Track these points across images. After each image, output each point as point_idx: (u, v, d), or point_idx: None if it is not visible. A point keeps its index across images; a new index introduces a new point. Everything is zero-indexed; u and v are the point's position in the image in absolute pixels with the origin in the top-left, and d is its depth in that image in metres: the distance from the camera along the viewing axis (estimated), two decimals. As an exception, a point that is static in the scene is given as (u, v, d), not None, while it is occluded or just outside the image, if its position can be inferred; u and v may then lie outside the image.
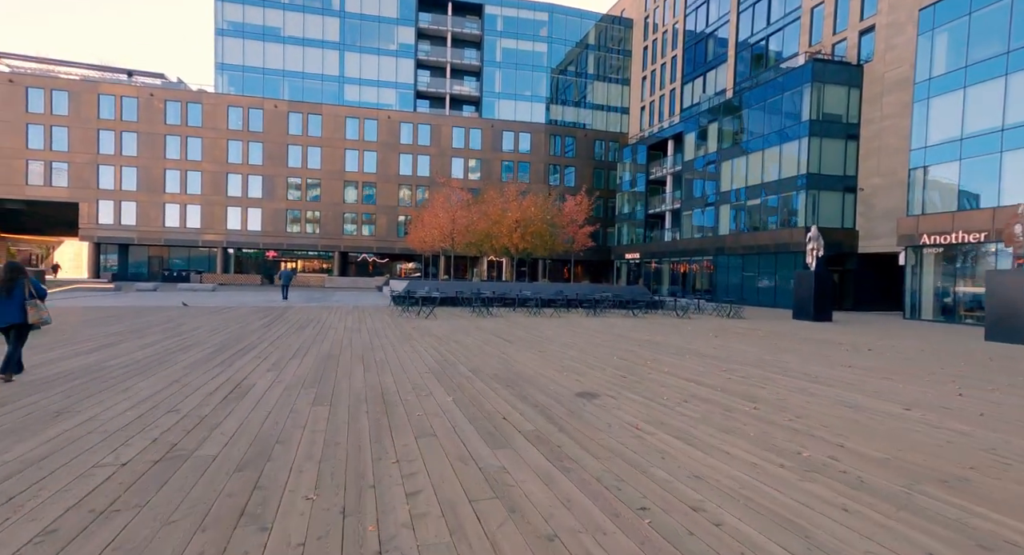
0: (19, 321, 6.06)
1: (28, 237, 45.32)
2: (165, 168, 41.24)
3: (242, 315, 15.45)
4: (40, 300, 6.25)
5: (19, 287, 6.08)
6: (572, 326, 14.57)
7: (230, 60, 44.98)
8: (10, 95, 38.44)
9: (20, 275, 6.16)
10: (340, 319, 15.05)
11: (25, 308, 6.08)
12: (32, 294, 6.16)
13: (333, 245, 44.92)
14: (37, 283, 6.36)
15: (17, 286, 6.07)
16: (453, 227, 26.86)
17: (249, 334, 11.18)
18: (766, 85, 27.73)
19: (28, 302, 6.10)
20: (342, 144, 44.29)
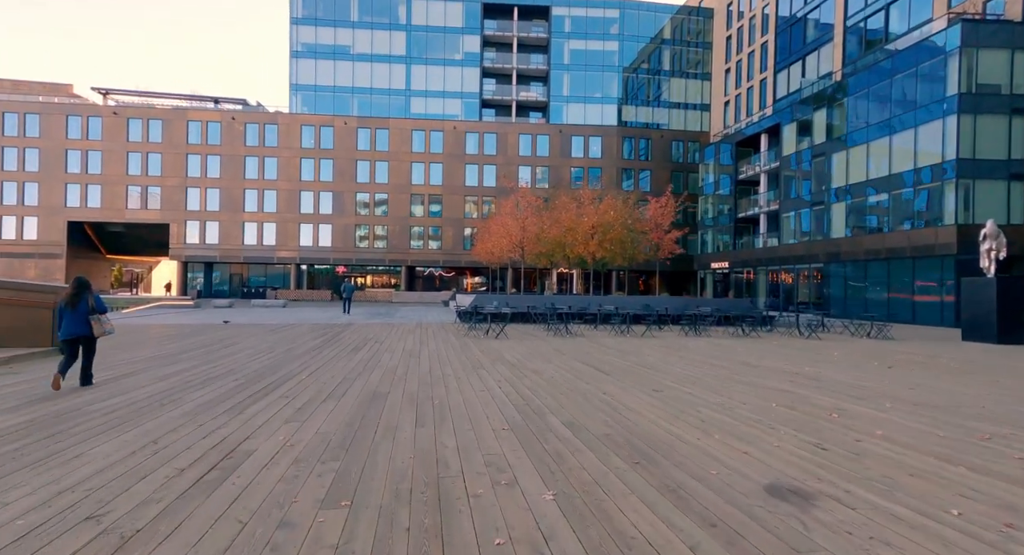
0: (85, 334, 6.51)
1: (129, 258, 49.08)
2: (244, 188, 42.93)
3: (297, 334, 14.03)
4: (101, 314, 6.63)
5: (84, 301, 6.51)
6: (676, 350, 11.67)
7: (304, 80, 46.52)
8: (115, 127, 41.81)
9: (86, 291, 6.60)
10: (400, 339, 13.18)
11: (89, 322, 6.49)
12: (94, 309, 6.55)
13: (400, 259, 44.50)
14: (99, 299, 6.77)
15: (82, 301, 6.50)
16: (523, 236, 24.64)
17: (293, 359, 9.44)
18: (894, 58, 23.23)
19: (91, 316, 6.50)
20: (408, 157, 44.04)
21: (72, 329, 6.43)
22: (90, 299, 6.56)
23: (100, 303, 6.71)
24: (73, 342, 6.49)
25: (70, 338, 6.45)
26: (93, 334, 6.53)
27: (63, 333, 6.45)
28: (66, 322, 6.45)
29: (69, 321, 6.44)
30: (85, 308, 6.49)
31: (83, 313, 6.48)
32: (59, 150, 41.55)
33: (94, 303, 6.58)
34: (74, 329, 6.44)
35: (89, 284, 6.77)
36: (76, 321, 6.45)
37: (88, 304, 6.51)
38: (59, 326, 6.53)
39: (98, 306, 6.64)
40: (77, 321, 6.46)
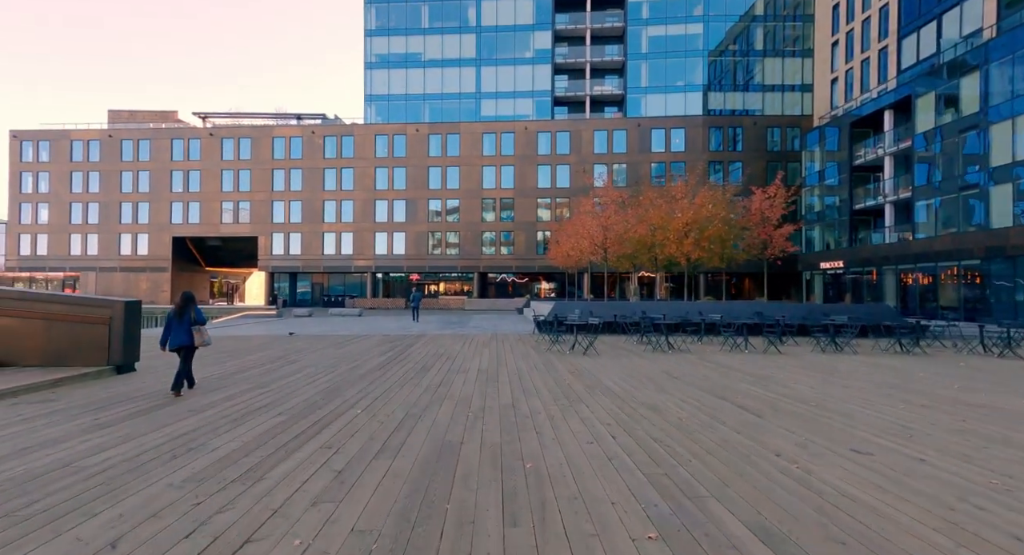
0: (188, 343, 7.02)
1: (226, 269, 52.61)
2: (324, 199, 44.25)
3: (364, 349, 12.83)
4: (201, 326, 7.15)
5: (188, 313, 7.07)
6: (827, 374, 8.93)
7: (377, 91, 47.36)
8: (210, 147, 44.88)
9: (190, 304, 7.15)
10: (474, 354, 11.51)
11: (192, 332, 7.04)
12: (195, 320, 7.09)
13: (472, 266, 43.63)
14: (199, 311, 7.27)
15: (187, 313, 7.07)
16: (605, 236, 22.26)
17: (352, 383, 8.02)
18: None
19: (193, 327, 7.05)
20: (479, 161, 43.19)
21: (177, 339, 7.02)
22: (192, 312, 7.12)
23: (200, 315, 7.25)
24: (177, 351, 7.08)
25: (175, 347, 7.03)
26: (194, 344, 7.08)
27: (170, 343, 7.03)
28: (173, 332, 7.03)
29: (176, 331, 7.03)
30: (189, 319, 7.07)
31: (187, 324, 7.06)
32: (165, 171, 45.30)
33: (195, 315, 7.13)
34: (179, 339, 7.02)
35: (194, 298, 7.33)
36: (181, 331, 7.04)
37: (191, 316, 7.09)
38: (165, 337, 7.07)
39: (198, 318, 7.17)
40: (182, 331, 7.04)
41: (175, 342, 7.01)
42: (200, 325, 7.14)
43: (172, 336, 7.01)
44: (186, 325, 7.04)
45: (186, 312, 7.08)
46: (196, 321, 7.11)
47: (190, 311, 7.10)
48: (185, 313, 7.07)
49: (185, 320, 7.06)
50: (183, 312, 7.07)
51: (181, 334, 7.02)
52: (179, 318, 7.04)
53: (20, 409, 6.10)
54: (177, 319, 7.05)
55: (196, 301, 7.36)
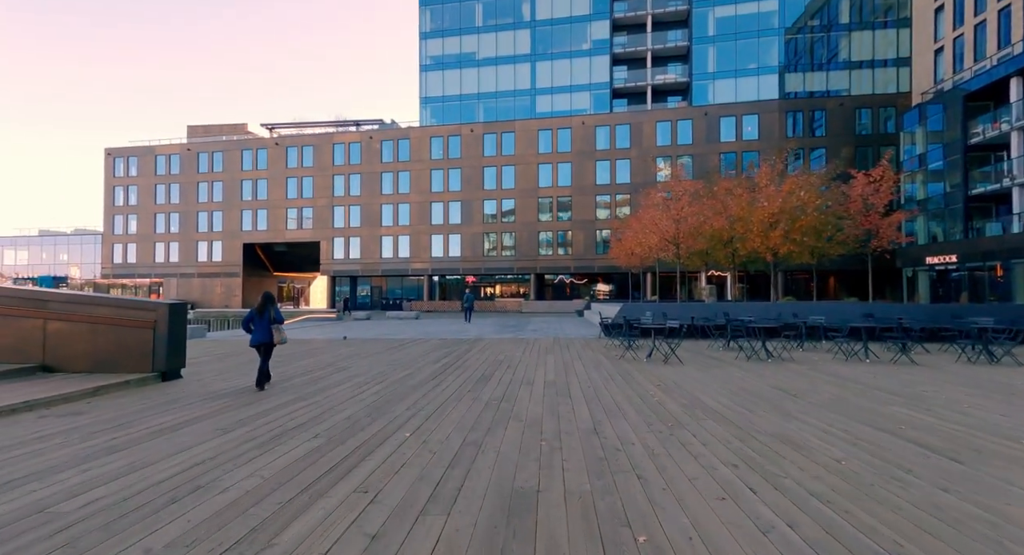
0: (268, 340, 7.38)
1: (292, 274, 54.70)
2: (381, 203, 44.74)
3: (418, 354, 11.90)
4: (279, 324, 7.48)
5: (267, 312, 7.40)
6: (997, 391, 6.87)
7: (432, 93, 47.43)
8: (276, 156, 46.71)
9: (270, 303, 7.47)
10: (537, 362, 10.22)
11: (271, 330, 7.40)
12: (274, 319, 7.43)
13: (529, 267, 42.44)
14: (278, 311, 7.54)
15: (267, 312, 7.40)
16: (677, 230, 20.15)
17: (402, 396, 6.98)
18: None
19: (272, 326, 7.40)
20: (535, 159, 42.01)
21: (259, 336, 7.36)
22: (272, 311, 7.41)
23: (278, 315, 7.53)
24: (258, 347, 7.40)
25: (257, 344, 7.37)
26: (273, 341, 7.39)
27: (253, 339, 7.39)
28: (256, 330, 7.38)
29: (257, 329, 7.38)
30: (269, 318, 7.38)
31: (267, 322, 7.37)
32: (236, 181, 47.65)
33: (274, 315, 7.42)
34: (260, 336, 7.36)
35: (273, 298, 7.59)
36: (262, 329, 7.36)
37: (270, 315, 7.38)
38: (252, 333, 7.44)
39: (276, 317, 7.47)
40: (263, 329, 7.36)
41: (256, 339, 7.36)
42: (278, 324, 7.44)
43: (256, 333, 7.36)
44: (266, 323, 7.36)
45: (266, 311, 7.40)
46: (274, 320, 7.41)
47: (270, 310, 7.41)
48: (265, 312, 7.40)
49: (265, 318, 7.38)
50: (263, 311, 7.40)
51: (263, 331, 7.35)
52: (260, 317, 7.41)
53: (43, 424, 5.47)
54: (259, 317, 7.41)
55: (275, 301, 7.63)
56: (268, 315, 7.38)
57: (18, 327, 7.90)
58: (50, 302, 7.95)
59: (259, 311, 7.41)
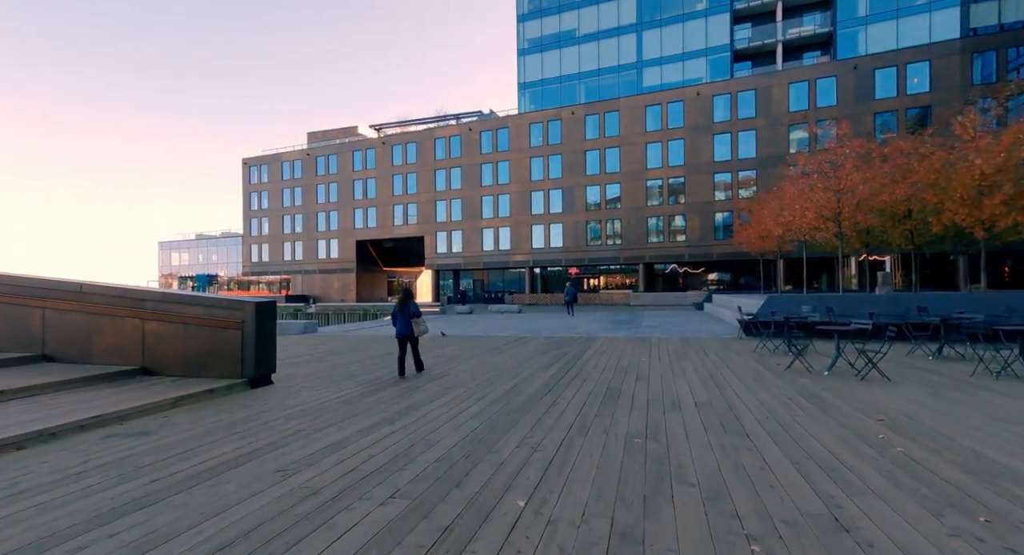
0: (408, 332, 7.74)
1: (400, 269, 56.95)
2: (481, 195, 44.33)
3: (525, 357, 10.27)
4: (417, 317, 7.82)
5: (407, 307, 7.80)
6: None
7: (530, 77, 45.82)
8: (383, 155, 48.50)
9: (409, 298, 7.93)
10: (673, 372, 8.02)
11: (411, 324, 7.73)
12: (413, 313, 7.79)
13: (637, 256, 39.26)
14: (416, 305, 7.93)
15: (407, 307, 7.80)
16: (839, 204, 16.05)
17: (511, 422, 5.32)
18: None
19: (413, 320, 7.75)
20: (642, 138, 38.56)
21: (402, 329, 7.69)
22: (411, 306, 7.76)
23: (416, 309, 7.81)
24: (402, 340, 7.73)
25: (400, 336, 7.71)
26: (414, 333, 7.72)
27: (397, 332, 7.75)
28: (399, 324, 7.71)
29: (399, 322, 7.71)
30: (408, 312, 7.69)
31: (408, 316, 7.67)
32: (349, 181, 50.43)
33: (413, 309, 7.76)
34: (403, 329, 7.69)
35: (411, 293, 7.97)
36: (404, 323, 7.66)
37: (410, 309, 7.73)
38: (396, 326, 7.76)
39: (415, 311, 7.75)
40: (405, 323, 7.66)
41: (399, 332, 7.73)
42: (416, 317, 7.71)
43: (399, 326, 7.73)
44: (407, 317, 7.67)
45: (406, 306, 7.72)
46: (413, 314, 7.72)
47: (409, 305, 7.74)
48: (406, 307, 7.72)
49: (406, 313, 7.70)
50: (404, 306, 7.74)
51: (403, 325, 7.72)
52: (401, 311, 7.73)
53: (98, 450, 4.62)
54: (400, 312, 7.73)
55: (414, 297, 8.00)
56: (408, 310, 7.69)
57: (120, 327, 7.58)
58: (147, 301, 7.52)
59: (400, 307, 7.77)
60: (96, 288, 7.65)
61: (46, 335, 7.77)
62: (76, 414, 5.32)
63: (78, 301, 7.67)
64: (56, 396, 6.12)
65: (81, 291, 7.66)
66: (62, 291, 7.69)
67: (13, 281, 7.80)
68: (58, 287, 7.69)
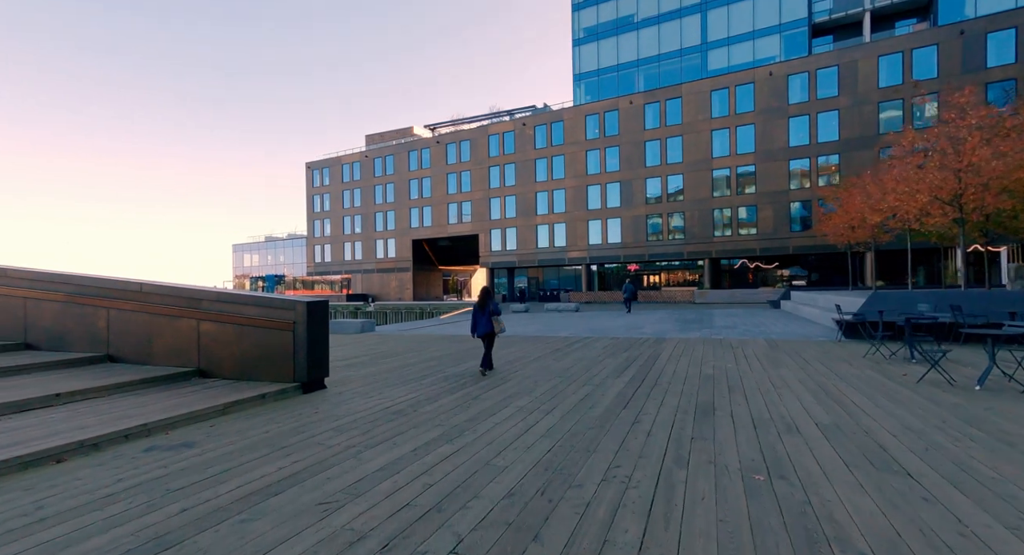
0: (489, 330, 7.83)
1: (454, 267, 57.30)
2: (536, 191, 43.49)
3: (591, 360, 9.35)
4: (497, 316, 7.87)
5: (487, 306, 7.82)
6: None
7: (586, 68, 44.40)
8: (438, 153, 48.80)
9: (489, 297, 7.90)
10: (771, 382, 6.82)
11: (491, 321, 7.79)
12: (493, 312, 7.83)
13: (702, 251, 36.98)
14: (496, 304, 7.96)
15: (487, 305, 7.83)
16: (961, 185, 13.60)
17: (588, 445, 4.48)
18: None
19: (493, 318, 7.80)
20: (706, 125, 36.21)
21: (483, 328, 7.75)
22: (491, 305, 7.75)
23: (496, 307, 7.85)
24: (483, 337, 7.81)
25: (481, 335, 7.77)
26: (494, 331, 7.80)
27: (479, 331, 7.76)
28: (480, 322, 7.75)
29: (480, 321, 7.75)
30: (489, 310, 7.73)
31: (488, 315, 7.72)
32: (405, 181, 51.21)
33: (492, 308, 7.79)
34: (483, 328, 7.75)
35: (491, 292, 7.95)
36: (485, 321, 7.73)
37: (490, 308, 7.76)
38: (474, 326, 7.79)
39: (495, 309, 7.79)
40: (485, 321, 7.74)
41: (480, 330, 7.77)
42: (496, 316, 7.76)
43: (480, 325, 7.78)
44: (487, 315, 7.71)
45: (487, 305, 7.74)
46: (494, 312, 7.77)
47: (489, 304, 7.77)
48: (486, 306, 7.74)
49: (487, 311, 7.73)
50: (484, 304, 7.75)
51: (484, 323, 7.76)
52: (482, 310, 7.75)
53: (141, 462, 4.21)
54: (480, 311, 7.75)
55: (493, 296, 7.98)
56: (488, 308, 7.74)
57: (178, 328, 7.40)
58: (202, 301, 7.28)
59: (480, 306, 7.80)
60: (155, 288, 7.52)
61: (111, 335, 7.75)
62: (124, 421, 5.00)
63: (138, 301, 7.57)
64: (111, 400, 5.92)
65: (141, 291, 7.56)
66: (123, 291, 7.62)
67: (81, 281, 7.84)
68: (120, 287, 7.63)
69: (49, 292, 7.96)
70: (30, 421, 4.98)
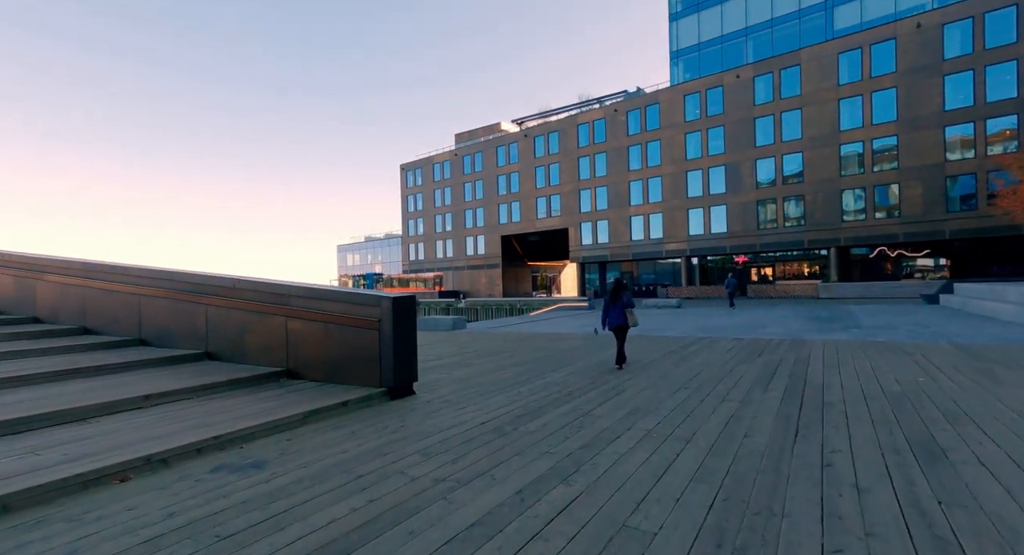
0: (622, 323, 7.57)
1: (543, 263, 56.39)
2: (629, 180, 41.06)
3: (719, 367, 7.69)
4: (631, 308, 7.61)
5: (621, 297, 7.62)
6: None
7: (685, 43, 40.91)
8: (525, 147, 48.07)
9: (623, 289, 7.71)
10: (1012, 407, 4.75)
11: (625, 314, 7.55)
12: (627, 304, 7.57)
13: (827, 239, 32.35)
14: (629, 296, 7.70)
15: (620, 298, 7.61)
16: None
17: (771, 495, 3.03)
18: None
19: (627, 311, 7.54)
20: (832, 94, 31.51)
21: (615, 320, 7.59)
22: (624, 297, 7.58)
23: (629, 299, 7.68)
24: (615, 330, 7.62)
25: (614, 327, 7.61)
26: (627, 324, 7.57)
27: (610, 323, 7.64)
28: (611, 315, 7.62)
29: (612, 314, 7.61)
30: (622, 302, 7.55)
31: (621, 307, 7.54)
32: (493, 177, 51.21)
33: (626, 299, 7.59)
34: (616, 320, 7.58)
35: (624, 284, 7.88)
36: (617, 314, 7.57)
37: (623, 301, 7.56)
38: (604, 319, 7.70)
39: (628, 301, 7.61)
40: (618, 313, 7.57)
41: (614, 322, 7.55)
42: (630, 308, 7.53)
43: (611, 317, 7.56)
44: (620, 308, 7.48)
45: (619, 297, 7.53)
46: (627, 304, 7.52)
47: (622, 296, 7.54)
48: (619, 298, 7.52)
49: (619, 303, 7.50)
50: (617, 297, 7.52)
51: (617, 316, 7.52)
52: (614, 302, 7.54)
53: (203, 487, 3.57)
54: (612, 303, 7.55)
55: (626, 287, 7.79)
56: (621, 300, 7.52)
57: (268, 325, 7.06)
58: (291, 297, 6.85)
59: (613, 298, 7.60)
60: (247, 283, 7.24)
61: (208, 332, 7.64)
62: (200, 431, 4.49)
63: (232, 297, 7.35)
64: (196, 403, 5.56)
65: (234, 287, 7.32)
66: (219, 287, 7.45)
67: (183, 278, 7.82)
68: (215, 283, 7.48)
69: (158, 289, 8.05)
70: (112, 426, 4.65)
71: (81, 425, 4.68)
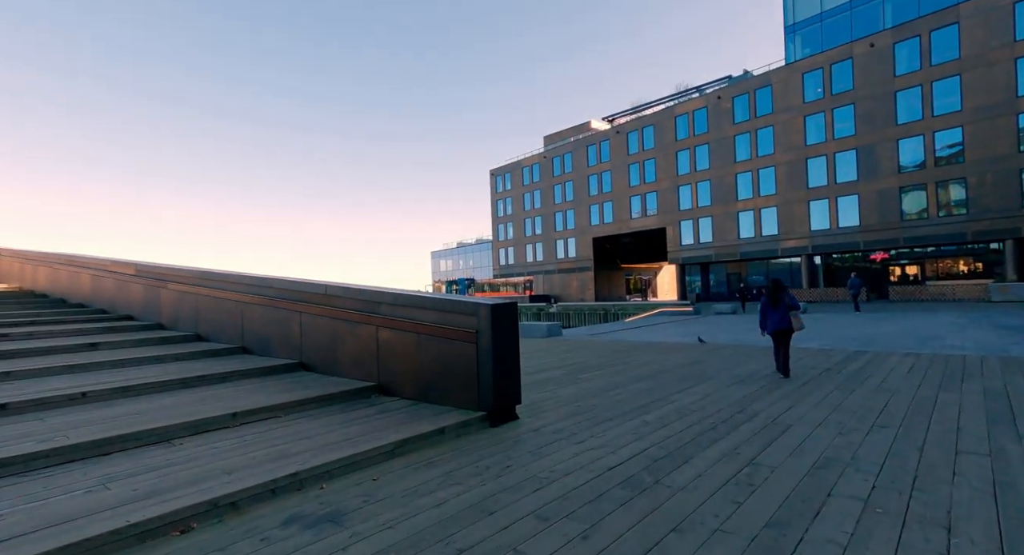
0: (786, 327, 7.06)
1: (638, 265, 53.47)
2: (736, 173, 37.34)
3: (905, 393, 5.76)
4: (796, 310, 7.12)
5: (783, 299, 7.12)
6: None
7: (804, 14, 36.30)
8: (617, 144, 45.92)
9: (783, 291, 7.20)
10: None
11: (789, 317, 7.05)
12: (791, 306, 7.07)
13: (1001, 229, 26.66)
14: (792, 297, 7.19)
15: (781, 299, 7.12)
16: None
17: None
18: None
19: (791, 313, 7.07)
20: (1006, 53, 25.97)
21: (775, 324, 7.09)
22: (786, 298, 7.08)
23: (794, 300, 7.15)
24: (779, 335, 7.09)
25: (775, 331, 7.10)
26: (792, 328, 7.03)
27: (770, 327, 7.15)
28: (770, 317, 7.17)
29: (772, 316, 7.16)
30: (785, 305, 7.05)
31: (784, 308, 7.05)
32: (584, 178, 49.60)
33: (789, 301, 7.08)
34: (778, 324, 7.06)
35: (784, 285, 7.31)
36: (779, 317, 7.08)
37: (786, 302, 7.06)
38: (763, 323, 7.23)
39: (792, 303, 7.10)
40: (779, 317, 7.07)
41: (773, 326, 7.11)
42: (795, 310, 7.11)
43: (771, 321, 7.12)
44: (782, 310, 7.06)
45: (781, 298, 7.12)
46: (791, 306, 7.10)
47: (784, 296, 7.13)
48: (780, 300, 7.11)
49: (781, 306, 7.08)
50: (778, 299, 7.11)
51: (778, 319, 7.08)
52: (774, 304, 7.12)
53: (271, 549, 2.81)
54: (772, 305, 7.14)
55: (787, 288, 7.34)
56: (784, 302, 7.09)
57: (358, 335, 6.50)
58: (381, 304, 6.21)
59: (773, 300, 7.15)
60: (338, 290, 6.75)
61: (303, 341, 7.29)
62: (279, 464, 3.83)
63: (324, 305, 6.91)
64: (283, 423, 5.03)
65: (326, 293, 6.86)
66: (311, 294, 7.06)
67: (279, 285, 7.58)
68: (308, 289, 7.10)
69: (256, 296, 7.90)
70: (193, 451, 4.17)
71: (164, 449, 4.26)
